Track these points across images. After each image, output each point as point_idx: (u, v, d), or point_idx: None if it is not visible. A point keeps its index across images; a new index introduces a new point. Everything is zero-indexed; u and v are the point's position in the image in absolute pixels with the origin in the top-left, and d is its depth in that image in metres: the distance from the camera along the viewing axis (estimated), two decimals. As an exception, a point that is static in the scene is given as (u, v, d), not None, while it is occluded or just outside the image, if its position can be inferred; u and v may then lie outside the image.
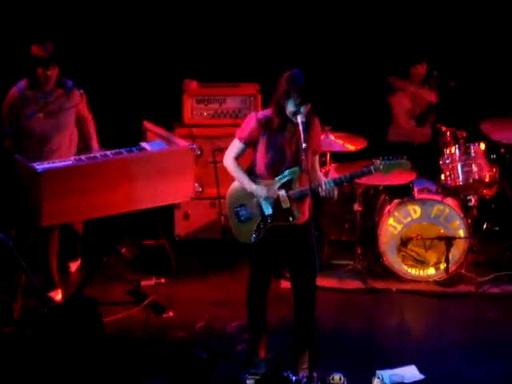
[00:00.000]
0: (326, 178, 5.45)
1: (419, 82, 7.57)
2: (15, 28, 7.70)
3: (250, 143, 5.37)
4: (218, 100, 7.76)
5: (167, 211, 7.49)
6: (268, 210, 5.38)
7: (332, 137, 7.18)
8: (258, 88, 7.68)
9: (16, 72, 6.57)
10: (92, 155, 6.26)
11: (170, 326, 6.26)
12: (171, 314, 6.42)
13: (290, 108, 5.23)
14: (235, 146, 5.44)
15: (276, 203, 5.35)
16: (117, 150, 6.24)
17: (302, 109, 5.22)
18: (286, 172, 5.34)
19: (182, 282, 6.96)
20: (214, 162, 7.48)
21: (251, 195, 5.38)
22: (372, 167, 5.38)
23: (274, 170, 5.36)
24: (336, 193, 5.38)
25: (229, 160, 5.45)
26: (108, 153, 6.24)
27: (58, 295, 6.59)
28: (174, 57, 7.97)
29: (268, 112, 5.37)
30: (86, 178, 5.98)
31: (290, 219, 5.37)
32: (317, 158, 5.53)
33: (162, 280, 6.88)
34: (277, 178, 5.35)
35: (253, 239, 5.43)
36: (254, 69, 7.85)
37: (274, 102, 5.31)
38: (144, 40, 7.94)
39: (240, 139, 5.40)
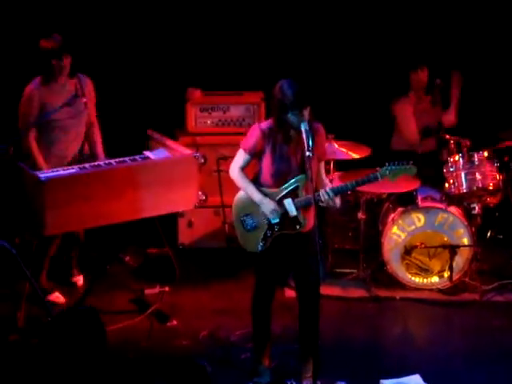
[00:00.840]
0: (328, 187, 5.44)
1: (421, 89, 7.56)
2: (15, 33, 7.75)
3: (255, 154, 5.38)
4: (222, 108, 7.77)
5: (171, 219, 7.50)
6: (275, 219, 5.38)
7: (336, 145, 7.18)
8: (262, 96, 7.69)
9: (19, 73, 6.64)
10: (96, 163, 6.27)
11: (174, 334, 6.25)
12: (175, 322, 6.42)
13: (292, 119, 5.23)
14: (240, 157, 5.45)
15: (282, 212, 5.36)
16: (120, 159, 6.26)
17: (303, 116, 5.23)
18: (292, 180, 5.35)
19: (186, 291, 6.96)
20: (218, 170, 7.49)
21: (257, 204, 5.40)
22: (378, 174, 5.37)
23: (280, 179, 5.37)
24: (338, 201, 5.38)
25: (235, 171, 5.46)
26: (112, 161, 6.26)
27: (59, 298, 6.60)
28: (178, 65, 7.99)
29: (271, 122, 5.38)
30: (89, 186, 5.99)
31: (297, 227, 5.38)
32: (322, 164, 5.54)
33: (166, 288, 6.87)
34: (283, 187, 5.36)
35: (260, 248, 5.42)
36: (258, 77, 7.85)
37: (274, 117, 5.33)
38: (148, 49, 7.97)
39: (245, 150, 5.41)
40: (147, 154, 6.42)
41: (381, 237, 7.04)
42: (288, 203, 5.33)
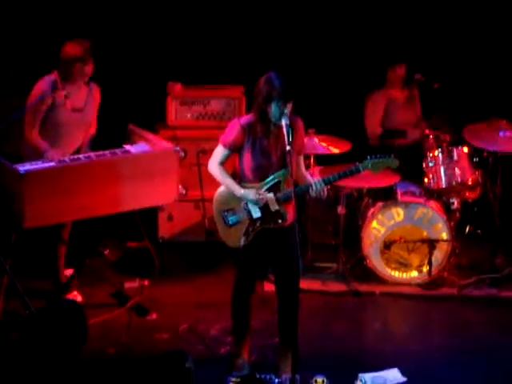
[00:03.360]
0: (315, 178, 5.47)
1: (398, 85, 7.60)
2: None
3: (235, 149, 5.37)
4: (203, 102, 7.76)
5: (151, 213, 7.48)
6: (256, 213, 5.38)
7: (316, 139, 7.20)
8: (243, 90, 7.69)
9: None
10: (75, 157, 6.25)
11: (154, 328, 6.25)
12: (154, 316, 6.41)
13: (274, 110, 5.23)
14: (219, 152, 5.44)
15: (264, 206, 5.36)
16: (100, 152, 6.24)
17: (286, 110, 5.23)
18: (273, 175, 5.35)
19: (166, 284, 6.95)
20: (198, 164, 7.47)
21: (238, 199, 5.39)
22: (360, 166, 5.39)
23: (260, 174, 5.37)
24: (325, 192, 5.40)
25: (214, 166, 5.45)
26: (91, 155, 6.24)
27: (77, 296, 6.57)
28: (159, 59, 7.97)
29: (251, 117, 5.37)
30: (68, 179, 5.97)
31: (279, 221, 5.38)
32: (301, 157, 5.54)
33: (146, 282, 6.87)
34: (264, 182, 5.36)
35: (242, 243, 5.42)
36: (239, 71, 7.86)
37: (256, 109, 5.32)
38: (128, 43, 7.94)
39: (224, 145, 5.40)
40: (127, 147, 6.41)
41: (360, 231, 7.06)
42: (270, 197, 5.34)
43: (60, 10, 7.79)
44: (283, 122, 5.21)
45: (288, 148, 5.17)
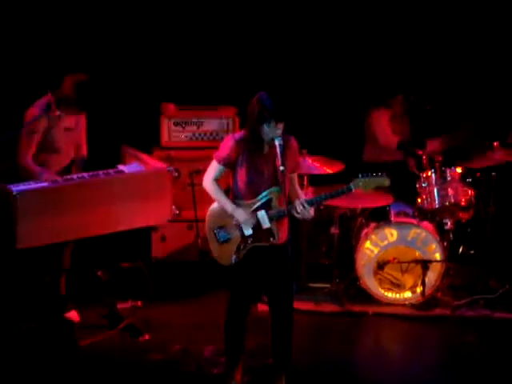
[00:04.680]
0: (302, 198, 5.44)
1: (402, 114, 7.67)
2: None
3: (229, 164, 5.37)
4: (196, 123, 7.78)
5: (144, 233, 7.47)
6: (248, 231, 5.37)
7: (309, 160, 7.21)
8: (236, 111, 7.72)
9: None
10: (69, 177, 6.24)
11: (147, 349, 6.22)
12: (147, 337, 6.39)
13: (266, 130, 5.25)
14: (214, 168, 5.45)
15: (256, 224, 5.36)
16: (94, 172, 6.24)
17: (278, 130, 5.25)
18: (266, 192, 5.35)
19: (159, 305, 6.93)
20: (192, 184, 7.48)
21: (230, 216, 5.38)
22: (352, 185, 5.36)
23: (253, 190, 5.36)
24: (312, 213, 5.38)
25: (208, 182, 5.45)
26: (85, 175, 6.23)
27: (75, 316, 6.54)
28: (152, 80, 7.99)
29: (244, 133, 5.39)
30: (62, 199, 5.96)
31: (271, 239, 5.37)
32: (295, 176, 5.54)
33: (139, 303, 6.85)
34: (256, 199, 5.35)
35: (233, 260, 5.40)
36: (232, 92, 7.88)
37: (249, 128, 5.33)
38: (122, 63, 7.96)
39: (218, 161, 5.41)
40: (121, 167, 6.41)
41: (354, 252, 7.06)
42: (261, 215, 5.33)
43: (56, 29, 7.81)
44: (277, 143, 5.22)
45: (282, 168, 5.19)
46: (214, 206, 5.49)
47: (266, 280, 5.48)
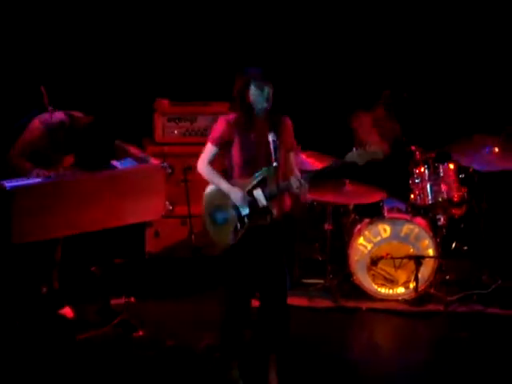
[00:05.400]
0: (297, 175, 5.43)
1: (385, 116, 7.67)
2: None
3: (223, 145, 5.39)
4: (190, 118, 7.78)
5: (138, 229, 7.47)
6: (245, 210, 5.34)
7: (302, 156, 7.21)
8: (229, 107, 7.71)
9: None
10: (62, 173, 6.23)
11: (140, 345, 6.22)
12: (141, 333, 6.39)
13: (255, 95, 5.28)
14: (208, 150, 5.47)
15: (252, 203, 5.33)
16: (87, 169, 6.23)
17: (266, 92, 5.27)
18: (261, 171, 5.33)
19: (153, 301, 6.93)
20: (185, 180, 7.48)
21: (226, 197, 5.36)
22: (346, 157, 5.35)
23: (248, 169, 5.36)
24: (307, 189, 5.33)
25: (203, 165, 5.47)
26: (78, 171, 6.23)
27: (70, 312, 6.54)
28: (146, 76, 7.99)
29: (235, 114, 5.41)
30: (55, 195, 5.95)
31: (268, 218, 5.32)
32: (292, 154, 5.53)
33: (132, 299, 6.84)
34: (252, 178, 5.34)
35: (231, 241, 5.36)
36: (225, 88, 7.87)
37: (239, 103, 5.37)
38: (116, 59, 7.95)
39: (212, 142, 5.43)
40: (114, 163, 6.40)
41: (347, 248, 7.07)
42: (258, 194, 5.31)
43: (51, 22, 7.80)
44: (270, 139, 5.23)
45: (275, 164, 5.19)
46: (210, 187, 5.48)
47: (262, 261, 5.40)
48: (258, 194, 5.32)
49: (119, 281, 7.20)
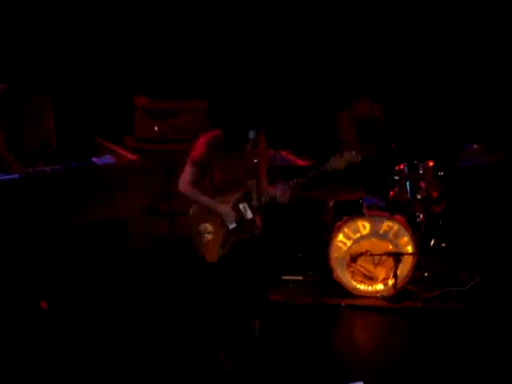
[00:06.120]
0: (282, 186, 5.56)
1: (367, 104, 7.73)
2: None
3: (203, 164, 5.46)
4: (170, 115, 7.79)
5: (120, 224, 7.47)
6: (232, 224, 5.48)
7: (282, 153, 7.23)
8: (209, 105, 7.73)
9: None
10: (40, 169, 6.23)
11: (121, 339, 6.21)
12: (122, 327, 6.37)
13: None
14: (189, 171, 5.56)
15: (239, 217, 5.46)
16: (66, 165, 6.23)
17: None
18: (245, 185, 5.47)
19: (135, 296, 6.93)
20: (165, 176, 7.49)
21: (213, 213, 5.47)
22: (326, 165, 5.48)
23: (231, 184, 5.48)
24: (288, 197, 5.49)
25: (185, 185, 5.57)
26: (57, 167, 6.22)
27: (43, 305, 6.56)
28: (126, 73, 7.98)
29: (216, 132, 5.47)
30: (34, 191, 5.94)
31: (255, 230, 5.51)
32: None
33: (111, 295, 6.85)
34: (236, 193, 5.48)
35: (219, 255, 5.50)
36: (205, 85, 7.90)
37: (225, 125, 5.45)
38: (96, 56, 7.94)
39: (193, 163, 5.52)
40: (94, 159, 6.40)
41: (326, 244, 7.09)
42: (243, 207, 5.43)
43: (29, 20, 7.79)
44: (251, 136, 5.34)
45: (255, 160, 5.34)
46: (194, 206, 5.59)
47: (250, 270, 5.53)
48: (244, 207, 5.44)
49: (101, 277, 7.22)
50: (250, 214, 5.47)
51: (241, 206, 5.46)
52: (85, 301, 6.74)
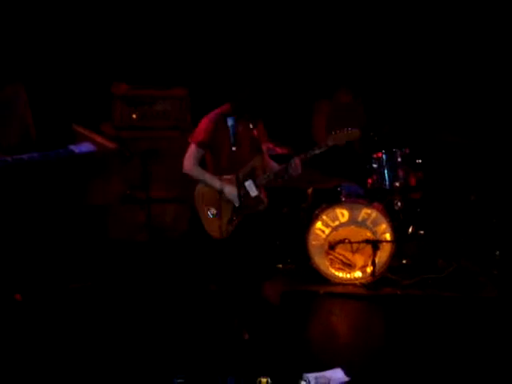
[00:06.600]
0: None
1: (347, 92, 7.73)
2: None
3: (208, 145, 5.49)
4: (148, 103, 7.75)
5: (99, 212, 7.45)
6: (238, 202, 5.59)
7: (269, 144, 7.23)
8: (188, 92, 7.70)
9: None
10: (18, 156, 6.18)
11: (100, 326, 6.20)
12: (102, 315, 6.35)
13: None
14: (193, 152, 5.66)
15: (244, 194, 5.58)
16: (44, 152, 6.18)
17: None
18: (249, 163, 5.65)
19: (113, 284, 6.91)
20: (144, 164, 7.45)
21: (219, 192, 5.61)
22: (327, 141, 5.74)
23: (235, 163, 5.62)
24: (300, 169, 5.79)
25: (190, 166, 5.66)
26: (35, 155, 6.18)
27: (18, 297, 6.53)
28: (104, 59, 7.93)
29: (223, 110, 5.62)
30: (12, 178, 5.91)
31: (260, 206, 5.70)
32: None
33: (89, 283, 6.83)
34: (241, 170, 5.62)
35: (227, 231, 5.65)
36: (184, 73, 7.87)
37: (236, 104, 5.62)
38: (74, 43, 7.88)
39: (198, 144, 5.61)
40: (72, 147, 6.36)
41: (305, 232, 7.11)
42: (249, 185, 5.57)
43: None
44: (254, 133, 5.69)
45: (258, 139, 5.66)
46: (199, 187, 5.72)
47: (254, 246, 5.81)
48: (249, 185, 5.57)
49: (79, 265, 7.20)
50: (255, 191, 5.64)
51: (246, 183, 5.60)
52: (61, 289, 6.71)
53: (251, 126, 5.61)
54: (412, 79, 8.18)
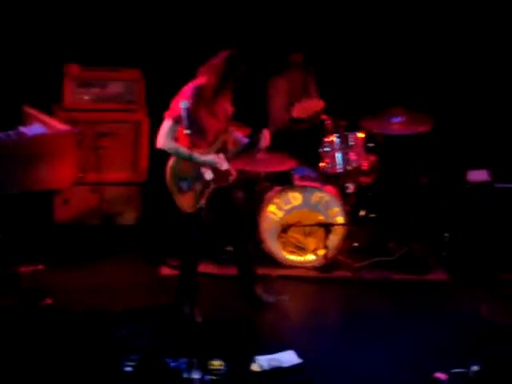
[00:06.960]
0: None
1: (297, 70, 7.72)
2: None
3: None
4: (101, 84, 7.66)
5: (46, 196, 7.36)
6: (209, 175, 5.85)
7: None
8: (141, 73, 7.63)
9: None
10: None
11: (49, 313, 6.15)
12: (49, 301, 6.31)
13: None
14: (168, 127, 5.74)
15: (215, 168, 5.83)
16: (-8, 134, 6.11)
17: None
18: (220, 137, 5.88)
19: (61, 269, 6.85)
20: (96, 147, 7.39)
21: (191, 166, 5.71)
22: (293, 112, 6.22)
23: (209, 137, 5.82)
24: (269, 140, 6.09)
25: (166, 142, 5.74)
26: (-16, 136, 6.09)
27: None
28: (56, 40, 7.82)
29: (200, 82, 5.74)
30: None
31: (230, 179, 5.95)
32: None
33: (41, 266, 6.75)
34: (213, 144, 5.87)
35: (198, 205, 5.79)
36: (137, 54, 7.79)
37: (219, 77, 5.73)
38: (24, 23, 7.75)
39: (172, 119, 5.69)
40: (22, 129, 6.28)
41: (258, 215, 7.11)
42: (221, 157, 5.88)
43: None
44: (226, 108, 5.91)
45: (227, 113, 5.90)
46: (171, 162, 5.83)
47: (226, 216, 6.13)
48: (221, 157, 5.87)
49: (28, 248, 7.11)
50: (226, 165, 5.87)
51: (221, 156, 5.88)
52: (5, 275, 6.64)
53: (226, 104, 5.86)
54: (362, 56, 8.22)
